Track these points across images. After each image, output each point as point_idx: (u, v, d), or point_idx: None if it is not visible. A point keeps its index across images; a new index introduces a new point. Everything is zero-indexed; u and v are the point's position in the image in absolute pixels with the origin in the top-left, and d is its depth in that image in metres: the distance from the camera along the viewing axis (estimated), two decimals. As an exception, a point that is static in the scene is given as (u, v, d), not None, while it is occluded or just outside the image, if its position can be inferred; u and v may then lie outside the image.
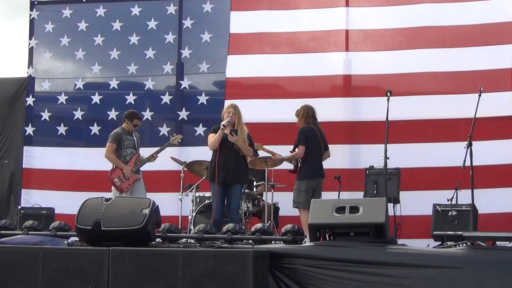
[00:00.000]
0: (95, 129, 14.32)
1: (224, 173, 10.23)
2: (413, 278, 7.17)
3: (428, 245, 9.67)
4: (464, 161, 9.81)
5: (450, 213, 10.03)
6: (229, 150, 10.33)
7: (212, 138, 10.40)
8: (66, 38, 14.73)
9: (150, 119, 14.14)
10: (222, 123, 10.35)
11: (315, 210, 7.84)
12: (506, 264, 7.09)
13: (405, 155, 12.11)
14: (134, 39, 14.41)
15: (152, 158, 11.89)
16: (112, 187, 11.67)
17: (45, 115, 14.61)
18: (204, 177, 11.53)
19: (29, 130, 14.61)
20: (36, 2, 15.06)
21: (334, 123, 12.82)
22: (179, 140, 12.28)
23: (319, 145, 11.18)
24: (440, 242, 9.69)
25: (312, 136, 11.12)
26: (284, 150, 11.68)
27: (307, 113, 11.26)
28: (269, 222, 11.32)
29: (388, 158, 10.28)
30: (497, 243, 8.04)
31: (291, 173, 11.36)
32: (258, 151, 11.63)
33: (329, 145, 11.43)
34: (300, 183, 10.98)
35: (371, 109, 12.53)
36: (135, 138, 11.91)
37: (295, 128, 11.43)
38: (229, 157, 10.31)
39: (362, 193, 11.21)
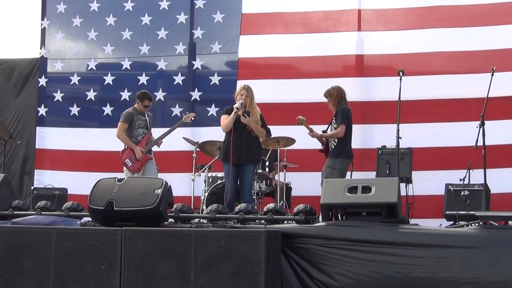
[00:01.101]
0: (107, 109, 14.34)
1: (237, 154, 10.25)
2: (425, 257, 7.16)
3: (441, 224, 9.67)
4: (477, 140, 9.77)
5: (462, 193, 10.02)
6: (242, 131, 10.34)
7: (225, 120, 10.40)
8: (78, 19, 14.73)
9: (162, 99, 14.15)
10: (235, 105, 10.35)
11: (328, 190, 7.82)
12: (518, 244, 7.08)
13: (418, 135, 12.10)
14: (146, 19, 14.40)
15: (161, 138, 11.85)
16: (124, 167, 11.68)
17: (58, 96, 14.63)
18: (216, 157, 11.53)
19: (42, 110, 14.64)
20: (47, -17, 15.06)
21: (346, 103, 12.81)
22: (192, 118, 12.25)
23: (352, 127, 11.17)
24: (452, 222, 9.69)
25: (351, 117, 11.10)
26: (296, 130, 11.67)
27: (341, 94, 11.20)
28: (281, 202, 11.32)
29: (401, 138, 10.26)
30: (510, 222, 8.02)
31: (321, 152, 11.30)
32: (269, 132, 11.56)
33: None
34: (335, 161, 10.89)
35: (383, 89, 12.50)
36: (147, 118, 11.90)
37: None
38: (242, 138, 10.33)
39: (375, 173, 11.22)
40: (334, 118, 11.09)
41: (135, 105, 11.94)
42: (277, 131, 11.65)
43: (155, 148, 11.94)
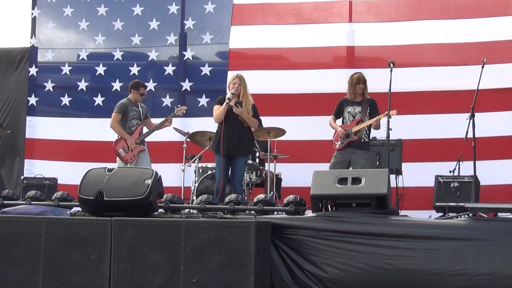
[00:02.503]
0: (99, 100, 14.31)
1: (228, 145, 10.20)
2: (415, 249, 7.19)
3: (430, 216, 9.66)
4: (467, 132, 9.76)
5: (452, 185, 10.02)
6: (234, 122, 10.28)
7: (217, 110, 10.35)
8: (69, 8, 14.67)
9: (153, 90, 14.11)
10: (227, 96, 10.29)
11: (317, 181, 7.82)
12: (507, 235, 7.09)
13: (408, 127, 12.08)
14: (137, 9, 14.36)
15: (157, 128, 11.83)
16: (117, 158, 11.66)
17: (49, 86, 14.59)
18: (207, 148, 11.51)
19: (32, 100, 14.60)
20: (38, -28, 15.00)
21: (337, 94, 12.71)
22: (184, 112, 12.22)
23: None
24: (442, 214, 9.68)
25: None
26: (287, 121, 11.67)
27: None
28: (271, 193, 11.32)
29: (391, 130, 10.22)
30: (499, 214, 8.04)
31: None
32: (260, 123, 11.51)
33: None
34: (368, 154, 10.77)
35: (374, 80, 12.44)
36: (140, 109, 11.86)
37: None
38: (234, 129, 10.26)
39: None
40: (368, 108, 10.90)
41: (130, 95, 11.88)
42: (267, 121, 11.62)
43: (147, 138, 11.91)
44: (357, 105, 10.93)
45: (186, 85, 14.02)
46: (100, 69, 14.42)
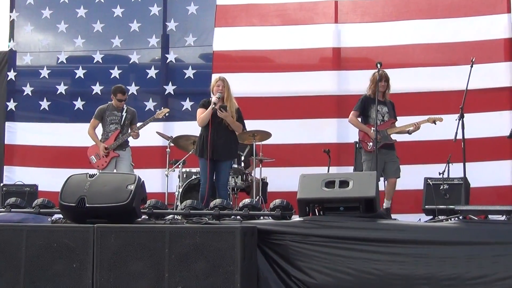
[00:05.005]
0: (79, 104, 14.27)
1: (213, 149, 10.18)
2: (404, 254, 7.21)
3: (420, 219, 9.70)
4: (456, 133, 9.79)
5: (441, 187, 10.06)
6: (219, 126, 10.26)
7: (201, 113, 10.33)
8: (47, 10, 14.62)
9: (135, 93, 14.09)
10: (212, 100, 10.26)
11: (304, 184, 7.83)
12: (498, 238, 7.12)
13: (396, 129, 12.12)
14: (118, 11, 14.34)
15: (133, 133, 11.68)
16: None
17: (27, 90, 14.53)
18: (191, 152, 11.50)
19: (11, 105, 14.53)
20: (16, -26, 14.95)
21: (323, 97, 12.84)
22: (166, 114, 12.18)
23: None
24: (431, 217, 9.72)
25: None
26: (272, 124, 11.69)
27: None
28: (257, 197, 11.32)
29: (379, 132, 10.26)
30: (489, 216, 8.07)
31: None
32: (244, 127, 11.51)
33: (318, 119, 11.41)
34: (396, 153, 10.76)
35: (361, 81, 12.46)
36: (124, 114, 11.69)
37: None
38: (219, 133, 10.24)
39: (352, 167, 11.24)
40: (393, 109, 10.90)
41: (113, 100, 11.80)
42: (252, 125, 11.62)
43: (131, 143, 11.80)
44: (382, 105, 10.78)
45: (170, 88, 14.01)
46: (80, 72, 14.38)
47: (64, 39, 14.70)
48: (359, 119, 10.78)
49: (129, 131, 11.63)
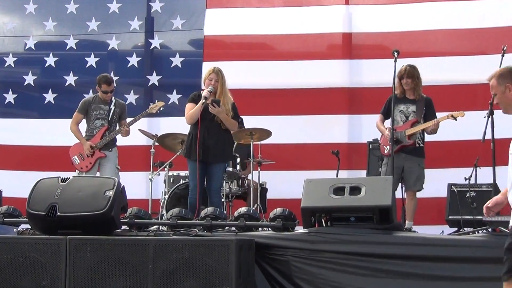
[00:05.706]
0: (49, 96, 14.25)
1: (203, 149, 10.18)
2: (423, 274, 7.21)
3: (442, 231, 9.73)
4: (484, 133, 9.81)
5: (468, 195, 10.07)
6: (210, 123, 10.25)
7: (191, 109, 10.32)
8: (14, -12, 14.68)
9: (115, 84, 14.06)
10: (203, 94, 10.25)
11: (309, 191, 7.86)
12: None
13: (415, 127, 12.17)
14: (95, -10, 14.39)
15: (123, 130, 11.64)
16: (76, 166, 11.59)
17: (-10, 80, 14.58)
18: (178, 153, 11.51)
19: (-29, 98, 14.57)
20: None
21: (331, 90, 12.84)
22: (161, 108, 12.10)
23: None
24: (456, 229, 9.74)
25: None
26: (273, 121, 11.70)
27: None
28: (255, 205, 11.34)
29: (395, 130, 10.30)
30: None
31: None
32: (242, 124, 11.54)
33: (326, 115, 11.41)
34: (422, 161, 10.69)
35: (375, 72, 12.53)
36: (112, 108, 11.63)
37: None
38: (210, 131, 10.23)
39: (365, 171, 11.26)
40: (424, 108, 10.74)
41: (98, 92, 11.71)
42: (250, 122, 11.66)
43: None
44: (410, 104, 10.72)
45: (154, 79, 14.00)
46: (50, 60, 14.36)
47: (32, 22, 14.71)
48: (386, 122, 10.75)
49: (118, 127, 11.60)
